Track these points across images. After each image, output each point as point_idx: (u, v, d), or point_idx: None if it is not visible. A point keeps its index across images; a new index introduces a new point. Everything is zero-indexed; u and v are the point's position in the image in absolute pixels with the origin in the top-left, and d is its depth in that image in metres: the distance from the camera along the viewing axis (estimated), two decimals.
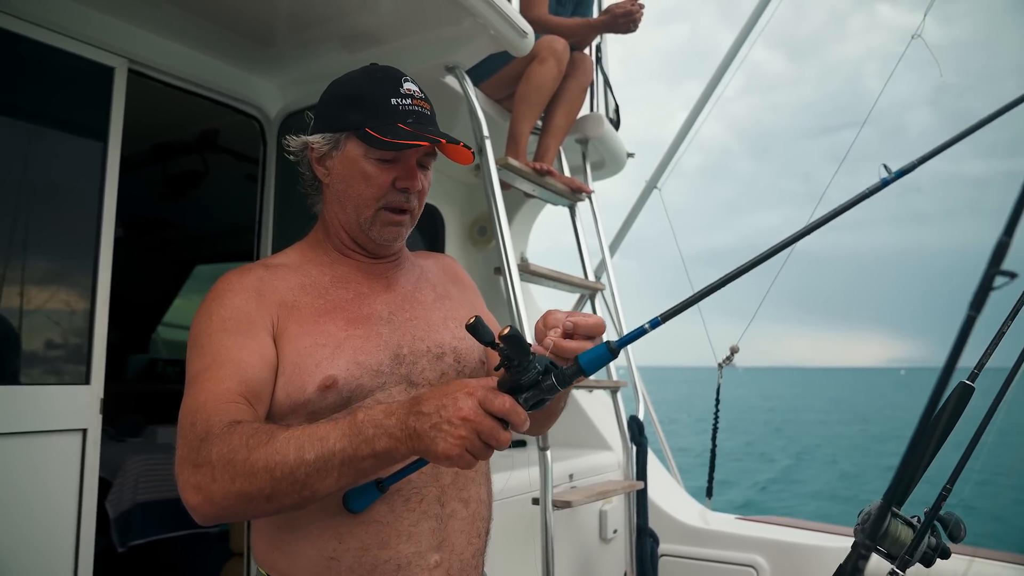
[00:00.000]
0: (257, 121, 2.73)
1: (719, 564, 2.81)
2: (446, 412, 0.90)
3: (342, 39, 2.50)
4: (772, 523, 2.97)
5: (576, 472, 2.74)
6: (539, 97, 2.68)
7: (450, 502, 1.19)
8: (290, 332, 1.15)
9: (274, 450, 0.93)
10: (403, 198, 1.22)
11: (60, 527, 2.04)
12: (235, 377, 1.07)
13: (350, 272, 1.28)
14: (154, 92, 2.50)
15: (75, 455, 2.09)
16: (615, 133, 3.22)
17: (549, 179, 2.70)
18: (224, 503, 0.95)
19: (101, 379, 2.18)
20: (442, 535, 1.18)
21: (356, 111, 1.20)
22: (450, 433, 0.89)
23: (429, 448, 0.91)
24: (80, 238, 2.19)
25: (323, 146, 1.24)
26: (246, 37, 2.51)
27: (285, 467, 0.92)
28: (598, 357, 0.96)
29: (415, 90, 1.23)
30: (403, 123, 1.18)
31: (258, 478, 0.92)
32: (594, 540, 2.83)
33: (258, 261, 1.30)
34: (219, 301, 1.16)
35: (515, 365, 0.93)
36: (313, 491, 0.94)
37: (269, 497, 0.94)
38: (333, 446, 0.93)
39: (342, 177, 1.23)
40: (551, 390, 0.94)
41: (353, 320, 1.20)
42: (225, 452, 0.95)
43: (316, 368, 1.13)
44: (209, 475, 0.94)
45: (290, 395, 1.12)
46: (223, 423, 0.99)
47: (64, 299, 2.17)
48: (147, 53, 2.34)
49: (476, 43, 2.36)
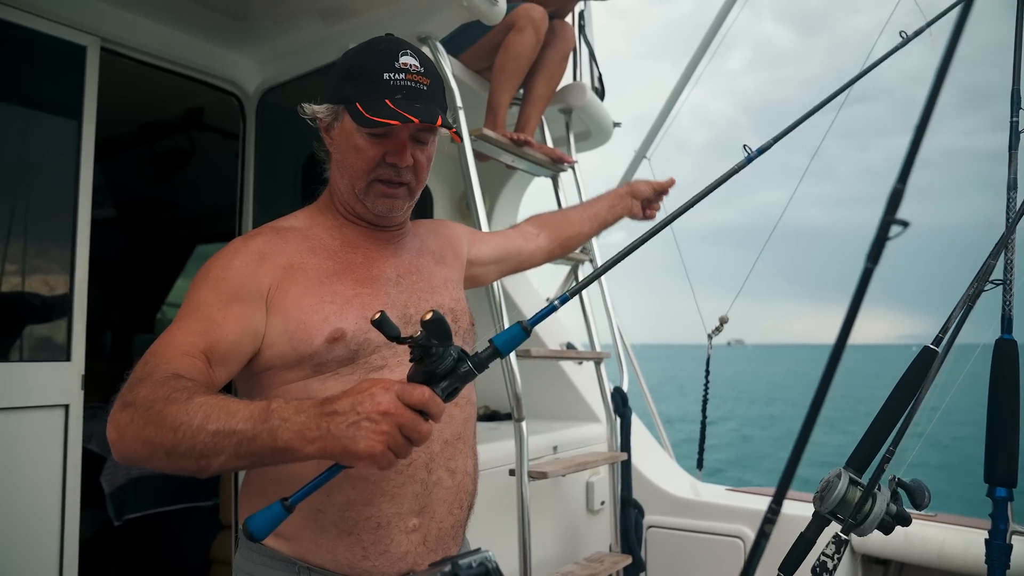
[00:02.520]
0: (236, 97, 2.72)
1: (706, 535, 2.81)
2: (363, 408, 0.87)
3: (318, 12, 2.48)
4: (762, 494, 2.95)
5: (560, 444, 2.74)
6: (517, 67, 2.65)
7: (437, 469, 1.21)
8: (294, 292, 1.17)
9: (184, 410, 0.92)
10: (393, 172, 1.23)
11: (46, 500, 2.09)
12: (204, 334, 1.08)
13: (359, 237, 1.30)
14: (132, 71, 2.50)
15: (58, 430, 2.13)
16: (600, 103, 3.18)
17: (527, 149, 2.67)
18: (133, 445, 0.95)
19: (82, 356, 2.21)
20: (425, 500, 1.19)
21: (351, 84, 1.21)
22: (371, 430, 0.86)
23: (348, 448, 0.87)
24: (58, 217, 2.21)
25: (327, 116, 1.27)
26: (221, 12, 2.50)
27: (188, 430, 0.91)
28: (512, 337, 0.97)
29: (413, 64, 1.21)
30: (391, 99, 1.17)
31: (163, 432, 0.92)
32: (581, 511, 2.84)
33: (268, 224, 1.31)
34: (219, 260, 1.18)
35: (432, 354, 0.92)
36: (208, 463, 0.92)
37: (169, 453, 0.92)
38: (235, 425, 0.91)
39: (341, 148, 1.26)
40: (468, 376, 0.94)
41: (362, 280, 1.24)
42: (149, 398, 0.95)
43: (324, 322, 1.15)
44: (129, 415, 0.95)
45: (296, 348, 1.14)
46: (166, 372, 0.99)
47: (43, 278, 2.19)
48: (119, 31, 2.34)
49: (448, 13, 2.34)
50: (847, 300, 0.69)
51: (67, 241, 2.21)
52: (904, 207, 0.66)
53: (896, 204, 0.72)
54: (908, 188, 0.66)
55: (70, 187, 2.22)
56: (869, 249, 0.73)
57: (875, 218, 0.67)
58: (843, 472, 1.46)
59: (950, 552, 2.24)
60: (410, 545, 1.18)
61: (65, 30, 2.19)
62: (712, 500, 2.92)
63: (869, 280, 0.74)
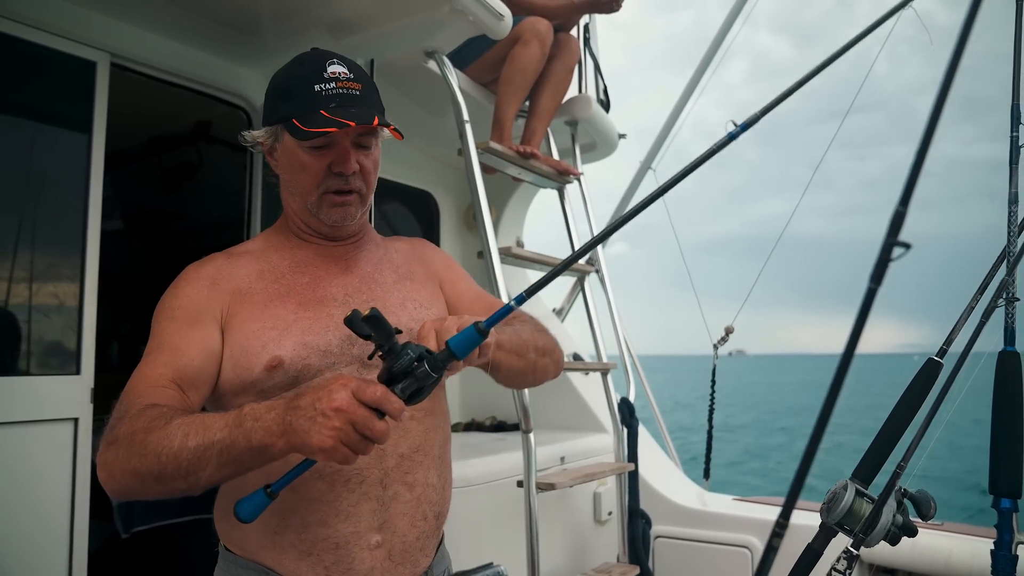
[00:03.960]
0: (244, 111, 2.75)
1: (713, 545, 2.81)
2: (320, 404, 0.90)
3: (325, 28, 2.50)
4: (769, 504, 2.95)
5: (568, 454, 2.75)
6: (523, 79, 2.67)
7: (392, 484, 1.20)
8: (240, 318, 1.19)
9: (165, 434, 0.96)
10: (342, 181, 1.23)
11: (54, 514, 2.10)
12: (170, 364, 1.12)
13: (309, 256, 1.30)
14: (141, 85, 2.53)
15: (67, 443, 2.14)
16: (605, 114, 3.19)
17: (534, 162, 2.69)
18: (123, 479, 0.99)
19: (91, 369, 2.22)
20: (383, 516, 1.19)
21: (284, 102, 1.22)
22: (324, 424, 0.89)
23: (304, 442, 0.90)
24: (68, 231, 2.23)
25: (267, 140, 1.27)
26: (229, 27, 2.52)
27: (170, 452, 0.95)
28: (467, 338, 0.97)
29: (341, 72, 1.22)
30: (325, 108, 1.18)
31: (148, 459, 0.95)
32: (588, 522, 2.84)
33: (223, 250, 1.32)
34: (173, 291, 1.22)
35: (387, 352, 0.94)
36: (196, 478, 0.96)
37: (158, 478, 0.96)
38: (214, 436, 0.95)
39: (286, 167, 1.27)
40: (425, 377, 0.95)
41: (305, 303, 1.24)
42: (129, 432, 0.98)
43: (263, 349, 1.16)
44: (114, 452, 0.99)
45: (239, 375, 1.16)
46: (142, 405, 1.03)
47: (53, 292, 2.21)
48: (129, 46, 2.37)
49: (454, 27, 2.36)
50: (849, 310, 0.71)
51: (77, 254, 2.23)
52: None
53: (898, 226, 0.73)
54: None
55: (80, 201, 2.24)
56: (872, 270, 0.75)
57: (874, 228, 0.68)
58: (849, 483, 1.46)
59: (957, 562, 2.23)
60: (375, 561, 1.18)
61: (75, 46, 2.22)
62: (719, 510, 2.92)
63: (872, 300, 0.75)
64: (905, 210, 0.74)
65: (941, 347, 1.48)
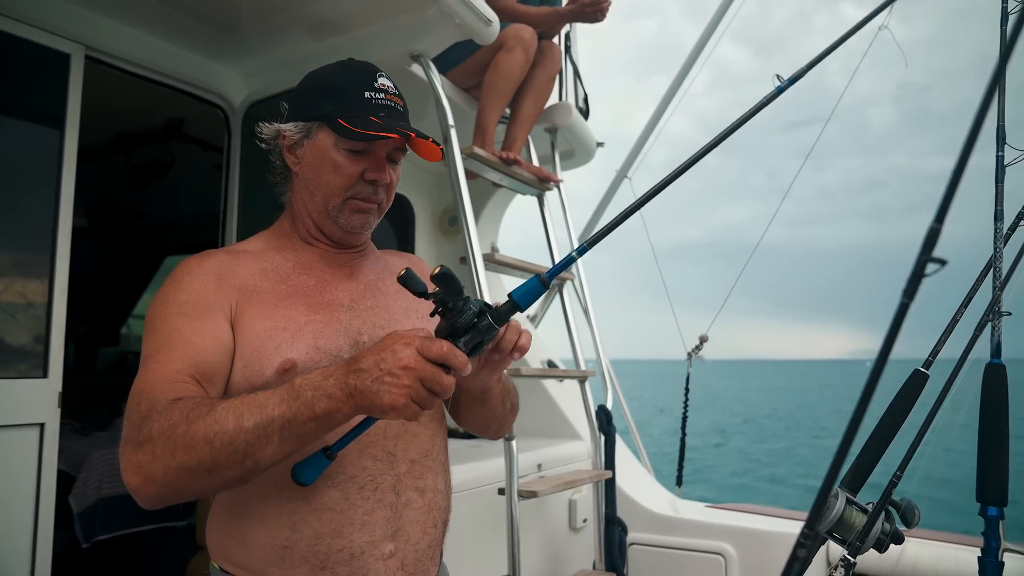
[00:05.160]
0: (221, 110, 2.69)
1: (688, 552, 2.83)
2: (386, 364, 0.91)
3: (308, 27, 2.46)
4: (740, 510, 2.99)
5: (545, 462, 2.75)
6: (506, 86, 2.67)
7: (406, 491, 1.18)
8: (249, 316, 1.15)
9: (213, 420, 0.93)
10: (371, 190, 1.23)
11: (18, 521, 2.01)
12: (186, 359, 1.06)
13: (313, 260, 1.28)
14: (116, 80, 2.46)
15: (33, 449, 2.06)
16: (584, 122, 3.22)
17: (516, 168, 2.69)
18: (166, 480, 0.93)
19: (59, 373, 2.14)
20: (397, 524, 1.17)
21: (329, 102, 1.21)
22: (393, 384, 0.90)
23: (374, 403, 0.91)
24: (38, 229, 2.15)
25: (295, 134, 1.24)
26: (208, 24, 2.47)
27: (225, 436, 0.92)
28: (531, 290, 0.97)
29: (389, 85, 1.24)
30: (375, 116, 1.19)
31: (198, 450, 0.92)
32: (563, 529, 2.84)
33: (221, 248, 1.30)
34: (177, 285, 1.16)
35: (450, 308, 0.95)
36: (256, 460, 0.93)
37: (211, 469, 0.92)
38: (272, 412, 0.93)
39: (312, 166, 1.24)
40: (488, 330, 0.96)
41: (314, 305, 1.21)
42: (165, 427, 0.93)
43: (275, 351, 1.13)
44: (150, 452, 0.93)
45: (248, 378, 1.12)
46: (166, 400, 0.98)
47: (21, 291, 2.13)
48: (105, 40, 2.30)
49: (441, 31, 2.34)
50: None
51: (46, 252, 2.15)
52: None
53: (933, 243, 0.75)
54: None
55: (51, 197, 2.17)
56: (906, 285, 0.77)
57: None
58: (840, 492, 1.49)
59: (944, 570, 2.28)
60: (388, 572, 1.15)
61: (50, 37, 2.15)
62: (692, 517, 2.95)
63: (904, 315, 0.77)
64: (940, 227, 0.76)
65: (927, 359, 1.53)
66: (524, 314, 3.63)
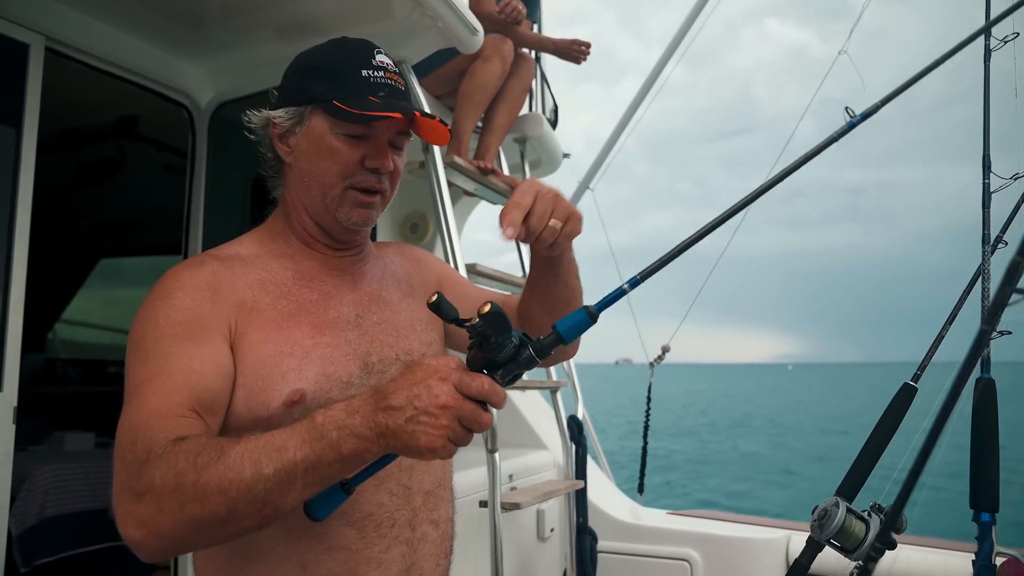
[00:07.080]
0: (186, 109, 2.57)
1: (654, 559, 2.88)
2: (421, 402, 0.82)
3: (277, 28, 2.38)
4: (702, 517, 3.06)
5: (515, 472, 2.74)
6: (482, 95, 2.66)
7: (421, 524, 1.14)
8: (251, 338, 1.05)
9: (227, 467, 0.83)
10: (373, 178, 1.12)
11: None
12: (184, 389, 0.95)
13: (314, 268, 1.17)
14: (75, 74, 2.32)
15: None
16: (552, 133, 3.24)
17: (492, 178, 2.69)
18: (174, 535, 0.84)
19: (15, 385, 2.00)
20: (411, 560, 1.12)
21: (323, 82, 1.10)
22: (430, 424, 0.82)
23: (409, 444, 0.83)
24: None
25: (286, 121, 1.12)
26: (175, 19, 2.36)
27: (242, 485, 0.82)
28: (577, 323, 0.89)
29: (388, 63, 1.13)
30: (374, 96, 1.08)
31: (211, 501, 0.82)
32: (532, 540, 2.84)
33: (208, 252, 1.16)
34: (167, 301, 1.03)
35: (492, 343, 0.87)
36: (276, 508, 0.85)
37: (226, 521, 0.83)
38: (294, 456, 0.83)
39: (306, 155, 1.12)
40: (530, 362, 0.88)
41: (320, 325, 1.11)
42: (171, 476, 0.84)
43: (282, 380, 1.03)
44: (154, 505, 0.83)
45: (252, 409, 1.02)
46: (167, 441, 0.88)
47: None
48: (66, 30, 2.17)
49: (424, 38, 2.32)
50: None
51: (1, 255, 2.01)
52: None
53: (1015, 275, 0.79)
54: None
55: (6, 197, 2.03)
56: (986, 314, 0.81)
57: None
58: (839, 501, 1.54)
59: (937, 574, 2.38)
60: None
61: (7, 25, 2.01)
62: (655, 524, 3.00)
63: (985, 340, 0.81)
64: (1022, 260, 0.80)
65: (916, 372, 1.60)
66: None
